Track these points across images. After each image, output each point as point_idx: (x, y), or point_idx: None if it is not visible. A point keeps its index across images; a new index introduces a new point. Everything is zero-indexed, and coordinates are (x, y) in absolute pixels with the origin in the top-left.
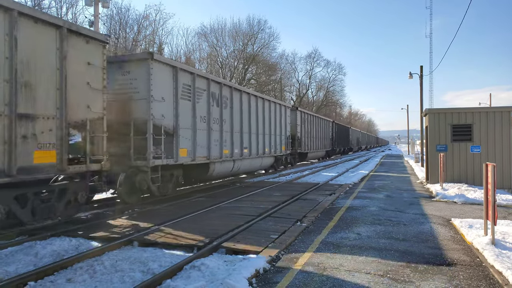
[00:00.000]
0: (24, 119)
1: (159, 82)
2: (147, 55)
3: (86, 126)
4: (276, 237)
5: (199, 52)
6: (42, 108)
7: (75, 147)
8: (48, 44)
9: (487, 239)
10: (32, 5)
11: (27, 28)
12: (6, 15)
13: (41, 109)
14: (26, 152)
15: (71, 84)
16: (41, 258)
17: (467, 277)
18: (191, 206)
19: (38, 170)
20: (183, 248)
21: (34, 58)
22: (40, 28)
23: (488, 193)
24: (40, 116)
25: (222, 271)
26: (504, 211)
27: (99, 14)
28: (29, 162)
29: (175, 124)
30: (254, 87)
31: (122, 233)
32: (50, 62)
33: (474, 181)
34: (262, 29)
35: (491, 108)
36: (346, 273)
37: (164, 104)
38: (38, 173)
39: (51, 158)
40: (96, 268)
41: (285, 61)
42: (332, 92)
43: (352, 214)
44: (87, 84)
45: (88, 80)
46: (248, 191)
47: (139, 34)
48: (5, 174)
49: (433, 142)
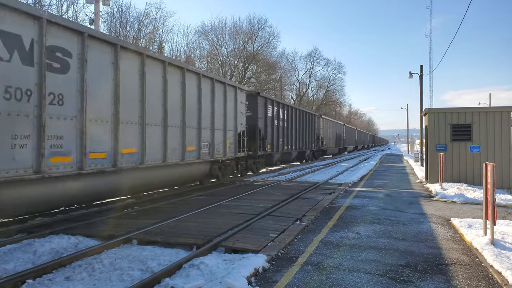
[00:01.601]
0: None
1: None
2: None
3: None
4: (276, 236)
5: (200, 50)
6: (230, 126)
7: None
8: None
9: (487, 239)
10: (33, 3)
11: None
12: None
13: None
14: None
15: (238, 113)
16: (40, 256)
17: (466, 277)
18: (191, 204)
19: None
20: (182, 246)
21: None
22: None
23: (488, 193)
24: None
25: (221, 270)
26: (504, 211)
27: (99, 12)
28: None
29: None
30: (255, 86)
31: (121, 231)
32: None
33: (473, 181)
34: (262, 28)
35: (490, 108)
36: (345, 273)
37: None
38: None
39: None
40: (95, 266)
41: (285, 60)
42: (332, 91)
43: (352, 213)
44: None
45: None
46: (248, 190)
47: (140, 32)
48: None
49: (432, 142)
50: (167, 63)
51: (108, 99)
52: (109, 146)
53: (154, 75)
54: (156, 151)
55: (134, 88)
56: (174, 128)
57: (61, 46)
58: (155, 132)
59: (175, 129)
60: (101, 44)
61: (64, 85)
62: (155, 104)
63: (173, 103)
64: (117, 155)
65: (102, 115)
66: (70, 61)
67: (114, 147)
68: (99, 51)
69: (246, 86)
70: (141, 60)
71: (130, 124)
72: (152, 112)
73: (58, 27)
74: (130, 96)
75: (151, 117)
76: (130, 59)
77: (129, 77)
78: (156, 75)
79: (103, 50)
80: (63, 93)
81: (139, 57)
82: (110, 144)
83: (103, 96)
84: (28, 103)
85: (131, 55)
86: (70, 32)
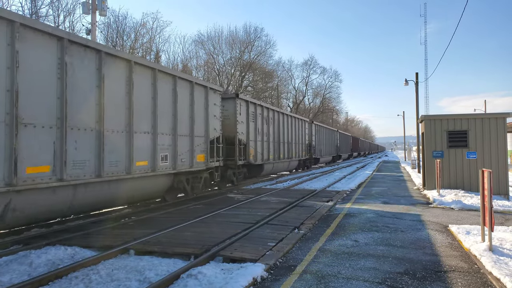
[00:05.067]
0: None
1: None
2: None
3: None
4: (274, 245)
5: (196, 59)
6: (199, 131)
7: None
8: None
9: (485, 246)
10: (29, 13)
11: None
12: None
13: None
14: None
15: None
16: (36, 267)
17: (465, 284)
18: (188, 213)
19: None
20: (180, 256)
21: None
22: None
23: (485, 199)
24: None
25: (219, 280)
26: (501, 217)
27: (96, 22)
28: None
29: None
30: (251, 94)
31: (118, 242)
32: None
33: (470, 187)
34: (258, 37)
35: (486, 114)
36: (344, 281)
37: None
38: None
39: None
40: (92, 277)
41: (281, 68)
42: (328, 99)
43: (350, 221)
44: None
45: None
46: (245, 198)
47: (136, 42)
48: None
49: (429, 148)
50: (104, 52)
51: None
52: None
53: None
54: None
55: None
56: (115, 133)
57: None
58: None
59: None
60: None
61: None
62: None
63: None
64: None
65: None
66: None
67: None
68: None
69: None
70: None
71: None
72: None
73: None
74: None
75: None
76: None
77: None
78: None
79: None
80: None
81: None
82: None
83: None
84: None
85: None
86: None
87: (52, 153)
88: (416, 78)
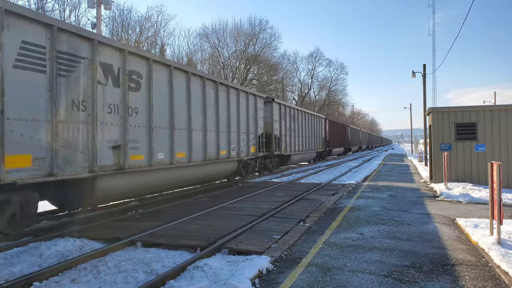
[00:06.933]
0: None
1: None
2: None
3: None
4: (279, 238)
5: (201, 53)
6: (252, 129)
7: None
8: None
9: (493, 239)
10: (36, 8)
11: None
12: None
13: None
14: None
15: (258, 117)
16: (46, 258)
17: (473, 277)
18: (194, 206)
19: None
20: (186, 248)
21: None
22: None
23: (494, 192)
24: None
25: (225, 272)
26: (510, 210)
27: (101, 16)
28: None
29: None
30: (256, 87)
31: (125, 234)
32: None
33: (478, 180)
34: (263, 29)
35: (495, 106)
36: (349, 274)
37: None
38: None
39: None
40: (100, 268)
41: (286, 61)
42: (334, 91)
43: (356, 214)
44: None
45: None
46: (250, 192)
47: (141, 36)
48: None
49: (436, 141)
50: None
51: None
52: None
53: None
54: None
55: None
56: (210, 132)
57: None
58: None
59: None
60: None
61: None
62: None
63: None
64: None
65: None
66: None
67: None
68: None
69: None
70: (187, 77)
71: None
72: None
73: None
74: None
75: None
76: (195, 81)
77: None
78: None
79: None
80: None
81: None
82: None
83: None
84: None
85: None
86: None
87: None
88: (423, 69)
